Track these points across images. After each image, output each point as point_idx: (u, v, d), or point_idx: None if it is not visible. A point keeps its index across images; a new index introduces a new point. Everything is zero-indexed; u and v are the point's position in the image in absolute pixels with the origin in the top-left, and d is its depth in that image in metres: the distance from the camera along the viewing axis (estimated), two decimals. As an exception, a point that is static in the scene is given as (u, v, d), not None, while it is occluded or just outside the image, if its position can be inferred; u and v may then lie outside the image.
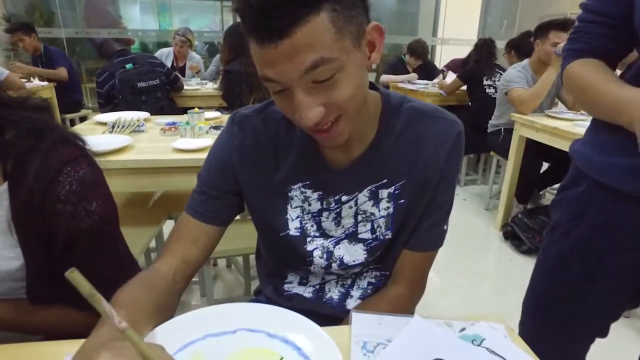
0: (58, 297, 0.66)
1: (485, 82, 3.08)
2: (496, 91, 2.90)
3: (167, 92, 2.83)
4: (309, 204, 0.68)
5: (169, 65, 3.70)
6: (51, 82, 3.56)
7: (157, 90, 2.68)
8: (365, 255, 0.70)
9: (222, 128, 0.74)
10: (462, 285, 2.12)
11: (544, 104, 2.51)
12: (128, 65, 2.55)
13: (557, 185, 2.71)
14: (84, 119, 3.74)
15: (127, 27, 6.05)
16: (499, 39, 3.57)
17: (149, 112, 2.07)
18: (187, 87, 3.29)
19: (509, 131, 2.58)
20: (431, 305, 1.85)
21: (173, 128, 1.67)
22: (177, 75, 3.08)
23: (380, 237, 0.68)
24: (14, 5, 5.50)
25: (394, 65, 4.27)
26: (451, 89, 3.36)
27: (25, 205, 0.58)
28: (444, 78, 3.96)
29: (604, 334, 0.86)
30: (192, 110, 1.81)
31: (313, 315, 0.52)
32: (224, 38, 2.22)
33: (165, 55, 3.94)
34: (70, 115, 3.75)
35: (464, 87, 3.27)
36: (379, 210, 0.67)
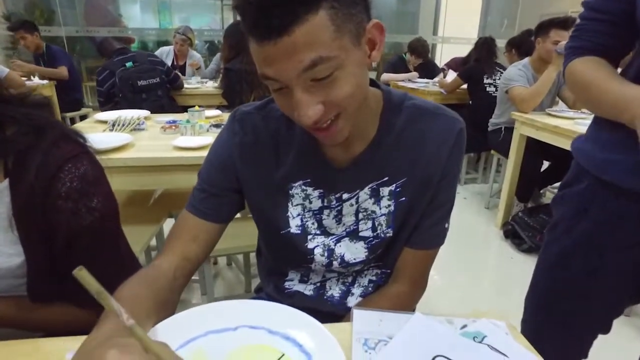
0: (59, 294, 0.66)
1: (486, 81, 3.08)
2: (497, 90, 2.90)
3: (167, 90, 2.83)
4: (310, 202, 0.68)
5: (170, 63, 3.70)
6: (51, 81, 3.56)
7: (157, 88, 2.67)
8: (366, 253, 0.70)
9: (222, 126, 0.73)
10: (462, 283, 2.12)
11: (544, 103, 2.51)
12: (128, 64, 2.55)
13: (557, 184, 2.71)
14: (84, 118, 3.74)
15: (127, 26, 6.04)
16: (500, 37, 3.56)
17: (149, 111, 2.07)
18: (188, 86, 3.28)
19: (509, 130, 2.58)
20: (431, 303, 1.85)
21: (173, 126, 1.66)
22: (177, 73, 3.07)
23: (381, 235, 0.68)
24: (14, 3, 5.49)
25: (395, 63, 4.27)
26: (452, 88, 3.36)
27: (26, 202, 0.58)
28: (444, 77, 3.96)
29: (607, 330, 0.86)
30: (193, 108, 1.80)
31: (314, 313, 0.52)
32: (224, 36, 2.21)
33: (165, 53, 3.94)
34: (70, 114, 3.75)
35: (464, 86, 3.27)
36: (380, 208, 0.67)
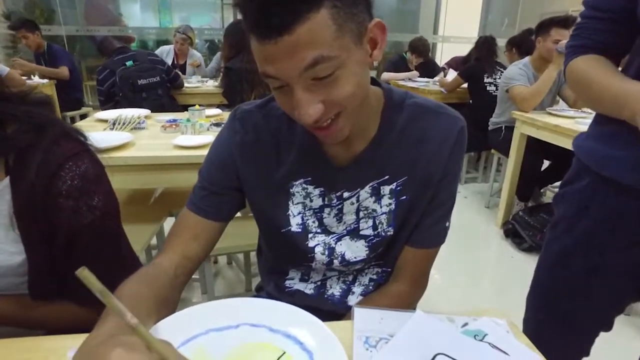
0: (60, 292, 0.66)
1: (486, 80, 3.08)
2: (497, 89, 2.90)
3: (167, 89, 2.83)
4: (311, 200, 0.68)
5: (170, 63, 3.69)
6: (52, 80, 3.56)
7: (157, 87, 2.67)
8: (366, 252, 0.69)
9: (223, 125, 0.73)
10: (462, 283, 2.12)
11: (545, 102, 2.51)
12: (128, 63, 2.55)
13: (558, 183, 2.71)
14: (84, 117, 3.74)
15: (127, 25, 6.04)
16: (500, 36, 3.56)
17: (150, 110, 2.07)
18: (188, 85, 3.28)
19: (509, 129, 2.58)
20: (432, 302, 1.85)
21: (174, 125, 1.66)
22: (177, 72, 3.07)
23: (382, 234, 0.68)
24: (13, 2, 5.49)
25: (395, 62, 4.27)
26: (452, 87, 3.35)
27: (27, 199, 0.58)
28: (444, 76, 3.95)
29: (609, 328, 0.86)
30: (193, 107, 1.79)
31: (314, 311, 0.52)
32: (224, 35, 2.22)
33: (165, 53, 3.94)
34: (70, 113, 3.75)
35: (464, 85, 3.27)
36: (381, 207, 0.67)
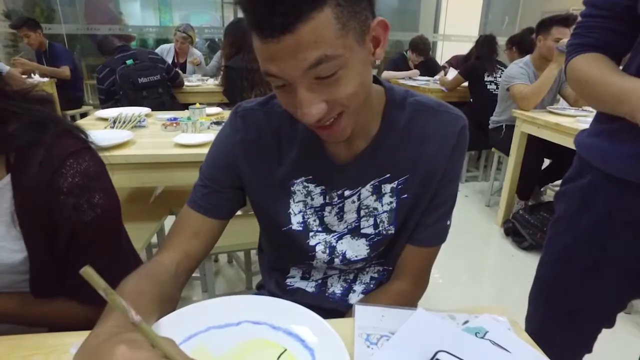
0: (61, 290, 0.66)
1: (487, 79, 3.08)
2: (497, 87, 2.90)
3: (168, 88, 2.82)
4: (312, 199, 0.68)
5: (170, 61, 3.69)
6: (52, 79, 3.56)
7: (158, 86, 2.67)
8: (368, 251, 0.69)
9: (223, 123, 0.73)
10: (463, 281, 2.12)
11: (545, 100, 2.50)
12: (129, 61, 2.54)
13: (558, 182, 2.71)
14: (84, 115, 3.73)
15: (127, 24, 6.03)
16: (501, 35, 3.55)
17: (150, 108, 2.07)
18: (188, 83, 3.28)
19: (510, 127, 2.58)
20: (432, 301, 1.85)
21: (174, 123, 1.66)
22: (178, 71, 3.07)
23: (383, 232, 0.68)
24: (14, 1, 5.48)
25: (396, 61, 4.27)
26: (452, 86, 3.35)
27: (28, 197, 0.58)
28: (445, 74, 3.96)
29: (611, 324, 0.86)
30: (194, 105, 1.78)
31: (316, 309, 0.52)
32: (224, 34, 2.21)
33: (166, 51, 3.93)
34: (71, 112, 3.75)
35: (465, 84, 3.27)
36: (382, 205, 0.67)
